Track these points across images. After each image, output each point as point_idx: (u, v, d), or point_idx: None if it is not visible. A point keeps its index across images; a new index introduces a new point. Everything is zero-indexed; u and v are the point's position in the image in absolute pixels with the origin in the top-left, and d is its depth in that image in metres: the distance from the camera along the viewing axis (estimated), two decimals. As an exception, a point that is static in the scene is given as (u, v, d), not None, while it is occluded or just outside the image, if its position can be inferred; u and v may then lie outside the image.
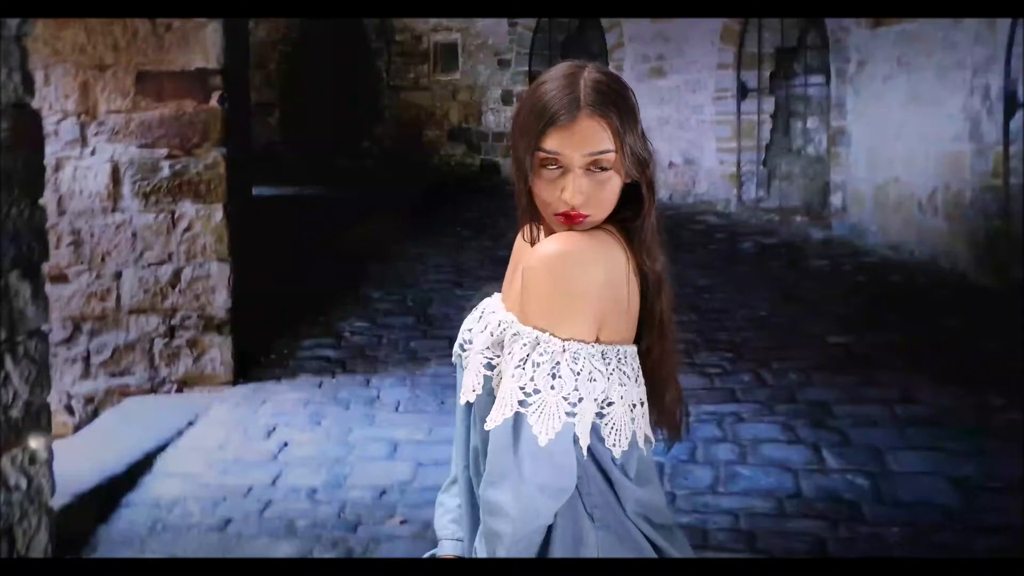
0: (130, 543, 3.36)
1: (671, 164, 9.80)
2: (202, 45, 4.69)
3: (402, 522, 3.44)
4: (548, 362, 1.30)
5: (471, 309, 1.54)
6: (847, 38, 7.81)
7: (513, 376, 1.32)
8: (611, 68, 8.96)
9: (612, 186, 1.37)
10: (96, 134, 4.70)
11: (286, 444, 4.17)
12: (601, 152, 1.35)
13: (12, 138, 2.51)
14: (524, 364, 1.31)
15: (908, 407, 4.29)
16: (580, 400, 1.31)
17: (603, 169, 1.36)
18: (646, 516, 1.41)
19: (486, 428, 1.32)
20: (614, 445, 1.36)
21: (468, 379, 1.43)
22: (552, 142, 1.35)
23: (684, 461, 3.80)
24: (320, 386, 4.90)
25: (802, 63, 8.83)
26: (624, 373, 1.37)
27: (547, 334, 1.31)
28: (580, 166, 1.35)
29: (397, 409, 4.56)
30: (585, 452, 1.33)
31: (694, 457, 3.85)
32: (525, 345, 1.32)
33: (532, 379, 1.30)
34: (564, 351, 1.31)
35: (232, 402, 4.69)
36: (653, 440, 1.45)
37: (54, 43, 4.61)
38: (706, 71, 9.38)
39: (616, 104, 1.36)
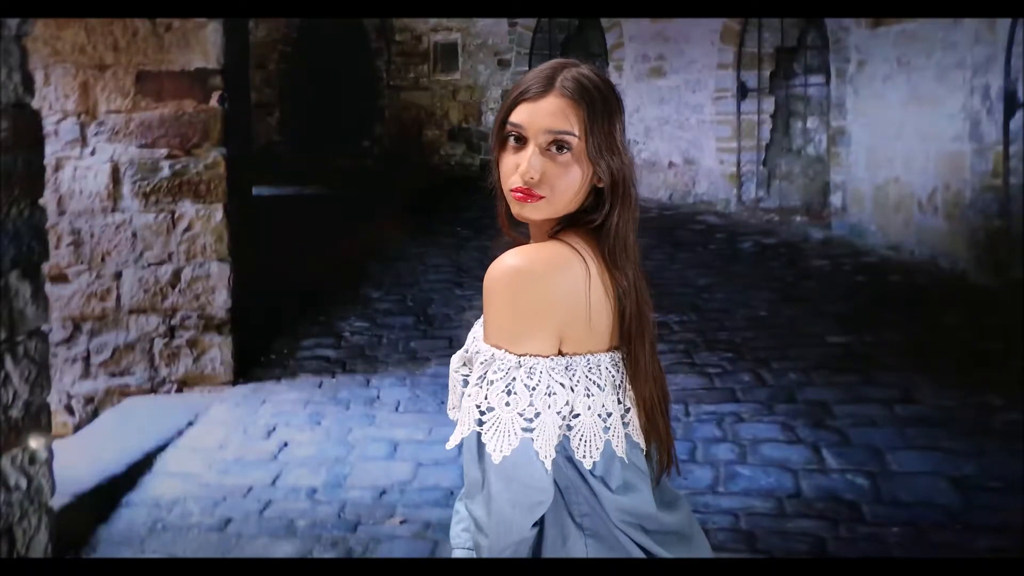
0: (130, 543, 3.36)
1: (671, 164, 9.79)
2: (202, 45, 4.69)
3: (402, 522, 3.44)
4: (503, 379, 1.29)
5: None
6: (847, 38, 7.81)
7: (470, 395, 1.32)
8: (611, 68, 8.95)
9: (572, 175, 1.36)
10: (96, 134, 4.70)
11: (286, 444, 4.17)
12: (561, 132, 1.35)
13: (12, 138, 2.51)
14: (480, 382, 1.31)
15: (908, 407, 4.29)
16: (537, 415, 1.29)
17: (563, 152, 1.35)
18: (639, 524, 1.39)
19: (446, 447, 1.35)
20: (584, 457, 1.34)
21: (449, 396, 1.45)
22: (518, 114, 1.37)
23: (684, 461, 3.80)
24: (320, 386, 4.90)
25: (802, 63, 8.83)
26: (594, 382, 1.35)
27: (502, 351, 1.30)
28: (541, 144, 1.35)
29: (397, 409, 4.56)
30: (549, 466, 1.31)
31: (694, 457, 3.86)
32: (483, 363, 1.32)
33: (486, 397, 1.30)
34: (519, 367, 1.30)
35: (232, 402, 4.69)
36: (643, 446, 1.43)
37: (54, 43, 4.61)
38: (706, 71, 9.37)
39: (590, 95, 1.36)
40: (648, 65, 10.02)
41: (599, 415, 1.35)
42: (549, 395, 1.30)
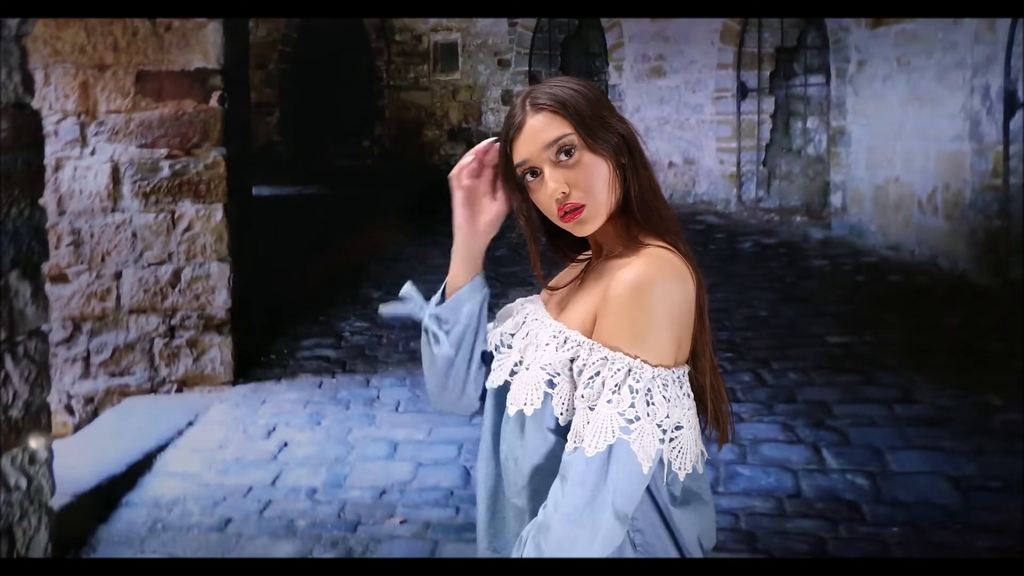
0: (130, 543, 3.36)
1: (671, 164, 9.79)
2: (202, 45, 4.69)
3: (402, 522, 3.44)
4: (643, 389, 1.29)
5: (498, 312, 1.55)
6: (847, 38, 7.81)
7: (611, 402, 1.29)
8: (611, 68, 8.94)
9: (593, 168, 1.38)
10: (96, 134, 4.70)
11: (286, 444, 4.17)
12: (556, 139, 1.37)
13: (12, 138, 2.51)
14: (619, 390, 1.29)
15: (908, 407, 4.29)
16: (669, 427, 1.31)
17: (571, 155, 1.37)
18: (700, 541, 1.40)
19: (587, 455, 1.28)
20: (680, 468, 1.35)
21: (523, 392, 1.39)
22: (517, 154, 1.41)
23: (684, 461, 3.79)
24: (320, 386, 4.90)
25: (802, 63, 8.83)
26: (688, 395, 1.36)
27: (639, 360, 1.30)
28: (548, 161, 1.38)
29: (397, 409, 4.56)
30: (667, 477, 1.33)
31: (694, 457, 3.85)
32: (618, 371, 1.30)
33: (632, 405, 1.29)
34: (654, 378, 1.30)
35: (232, 402, 4.69)
36: (706, 453, 1.43)
37: (54, 43, 4.61)
38: (706, 71, 9.38)
39: (558, 96, 1.39)
40: (648, 65, 10.03)
41: (695, 426, 1.37)
42: (676, 407, 1.32)
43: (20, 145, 2.56)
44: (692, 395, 1.37)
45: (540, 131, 1.38)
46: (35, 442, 2.61)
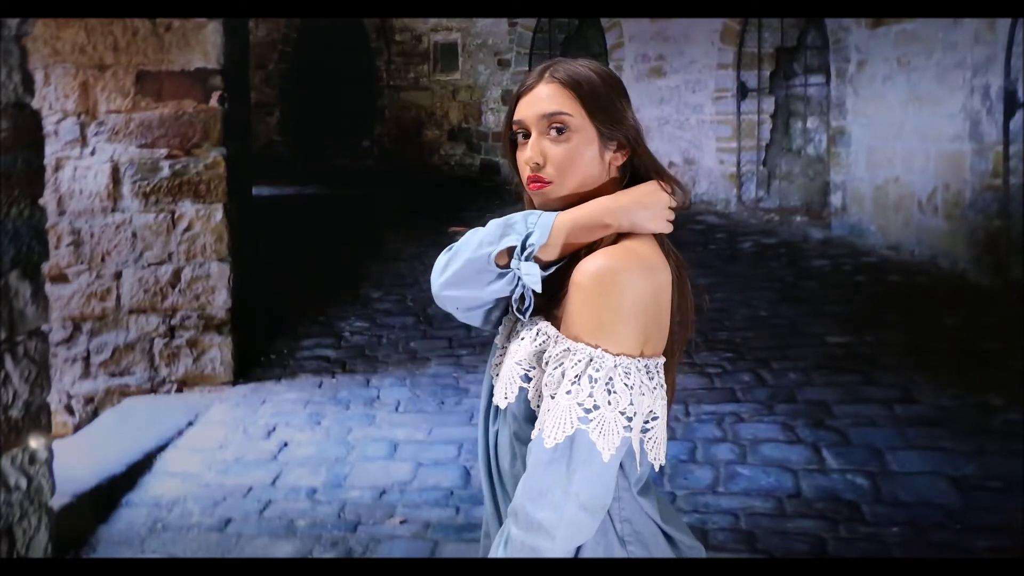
0: (130, 543, 3.36)
1: (671, 164, 9.78)
2: (202, 45, 4.69)
3: (402, 522, 3.44)
4: (603, 378, 1.29)
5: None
6: (847, 38, 7.81)
7: (570, 392, 1.30)
8: (611, 67, 9.00)
9: (576, 154, 1.39)
10: (96, 134, 4.70)
11: (286, 444, 4.17)
12: (555, 113, 1.39)
13: (12, 138, 2.51)
14: (579, 380, 1.30)
15: (908, 407, 4.29)
16: (635, 415, 1.30)
17: (560, 132, 1.39)
18: (663, 528, 1.42)
19: (546, 446, 1.29)
20: (655, 459, 1.36)
21: (501, 385, 1.41)
22: (519, 111, 1.44)
23: (684, 461, 3.80)
24: (320, 386, 4.90)
25: (802, 63, 8.83)
26: (662, 386, 1.36)
27: (600, 350, 1.30)
28: (540, 129, 1.40)
29: (397, 409, 4.56)
30: (639, 466, 1.33)
31: (694, 457, 3.85)
32: (579, 361, 1.31)
33: (591, 395, 1.29)
34: (616, 367, 1.30)
35: (232, 402, 4.69)
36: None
37: (54, 43, 4.61)
38: (706, 71, 9.37)
39: (578, 78, 1.41)
40: (648, 65, 10.02)
41: (666, 417, 1.38)
42: (641, 395, 1.32)
43: (20, 145, 2.56)
44: (664, 386, 1.37)
45: (542, 100, 1.40)
46: (35, 442, 2.61)
